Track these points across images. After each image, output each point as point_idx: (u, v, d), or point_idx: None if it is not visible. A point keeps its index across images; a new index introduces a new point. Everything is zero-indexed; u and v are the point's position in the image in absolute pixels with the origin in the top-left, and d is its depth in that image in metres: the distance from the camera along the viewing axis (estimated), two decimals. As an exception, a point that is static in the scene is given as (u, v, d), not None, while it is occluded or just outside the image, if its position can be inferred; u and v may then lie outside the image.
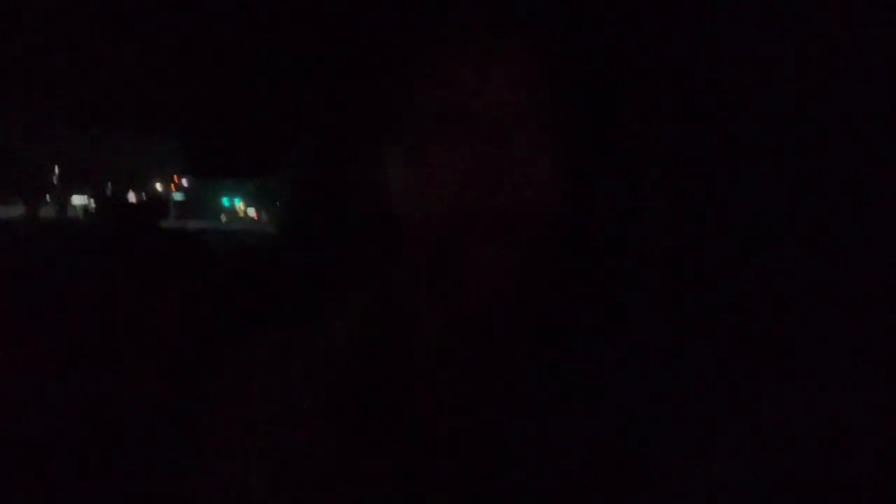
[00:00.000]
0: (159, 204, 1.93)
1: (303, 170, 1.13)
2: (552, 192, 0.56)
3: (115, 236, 1.30)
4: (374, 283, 0.61)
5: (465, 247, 0.55)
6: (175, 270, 1.15)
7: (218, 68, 1.23)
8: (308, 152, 1.11)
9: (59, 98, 1.48)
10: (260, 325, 0.65)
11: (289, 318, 0.64)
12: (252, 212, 2.88)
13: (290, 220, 1.18)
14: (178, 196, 2.61)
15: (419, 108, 0.58)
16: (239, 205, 2.89)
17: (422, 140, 0.57)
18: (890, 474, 0.41)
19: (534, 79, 0.57)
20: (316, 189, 0.98)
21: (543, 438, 0.54)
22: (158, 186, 2.59)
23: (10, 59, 1.23)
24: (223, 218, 2.85)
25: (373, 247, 0.61)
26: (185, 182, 2.63)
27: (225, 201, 2.87)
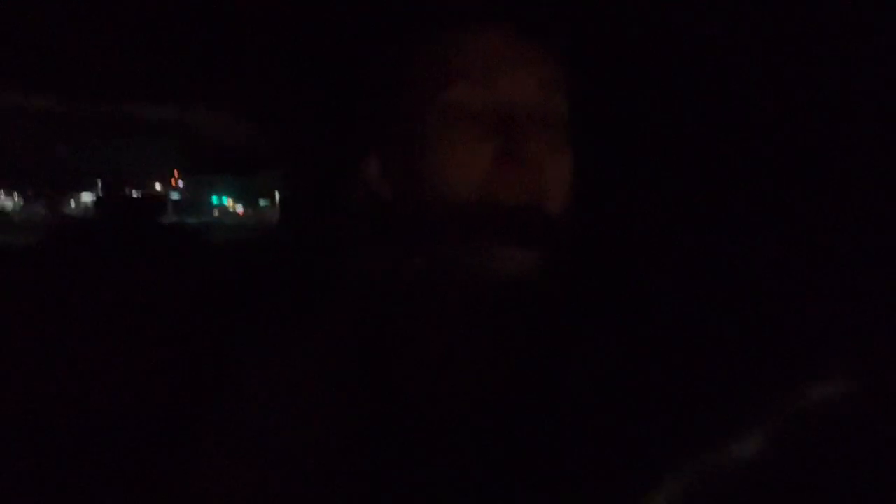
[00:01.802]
0: (157, 201, 1.95)
1: (301, 168, 1.13)
2: (556, 192, 0.56)
3: (118, 230, 1.30)
4: (376, 282, 0.61)
5: (467, 246, 0.55)
6: (176, 262, 1.15)
7: (214, 68, 1.22)
8: (306, 151, 1.11)
9: (65, 101, 1.48)
10: (259, 323, 0.65)
11: (289, 316, 0.64)
12: (240, 208, 3.03)
13: (291, 217, 1.18)
14: (174, 195, 2.69)
15: (421, 106, 0.58)
16: (227, 202, 3.04)
17: (424, 139, 0.57)
18: (889, 474, 0.41)
19: (540, 78, 0.57)
20: (315, 187, 0.98)
21: (546, 438, 0.54)
22: (158, 186, 2.66)
23: (12, 64, 1.23)
24: (215, 213, 3.01)
25: (374, 246, 0.61)
26: (180, 183, 2.71)
27: (214, 199, 3.02)
